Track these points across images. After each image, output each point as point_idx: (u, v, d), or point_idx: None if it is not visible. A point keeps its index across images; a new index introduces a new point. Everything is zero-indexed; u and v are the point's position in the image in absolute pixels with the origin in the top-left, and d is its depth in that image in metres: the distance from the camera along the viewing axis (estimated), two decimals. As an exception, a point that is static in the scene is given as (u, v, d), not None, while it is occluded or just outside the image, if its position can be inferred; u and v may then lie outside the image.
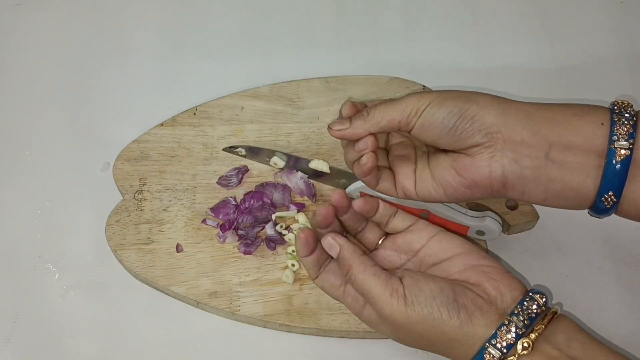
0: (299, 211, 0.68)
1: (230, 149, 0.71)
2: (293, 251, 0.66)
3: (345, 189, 0.69)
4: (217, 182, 0.70)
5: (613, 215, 0.53)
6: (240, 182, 0.70)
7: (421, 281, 0.52)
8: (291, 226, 0.67)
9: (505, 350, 0.48)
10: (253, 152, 0.71)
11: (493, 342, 0.49)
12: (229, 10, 0.85)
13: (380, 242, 0.59)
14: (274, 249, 0.66)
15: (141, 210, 0.68)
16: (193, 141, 0.72)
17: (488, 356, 0.49)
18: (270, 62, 0.80)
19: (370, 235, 0.60)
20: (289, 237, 0.66)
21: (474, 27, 0.83)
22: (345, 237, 0.56)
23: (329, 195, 0.69)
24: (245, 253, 0.66)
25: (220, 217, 0.68)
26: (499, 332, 0.49)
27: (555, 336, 0.49)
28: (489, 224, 0.62)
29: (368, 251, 0.59)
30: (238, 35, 0.83)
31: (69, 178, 0.72)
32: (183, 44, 0.83)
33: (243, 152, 0.71)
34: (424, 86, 0.75)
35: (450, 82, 0.77)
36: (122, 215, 0.68)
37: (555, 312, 0.50)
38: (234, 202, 0.68)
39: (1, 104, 0.78)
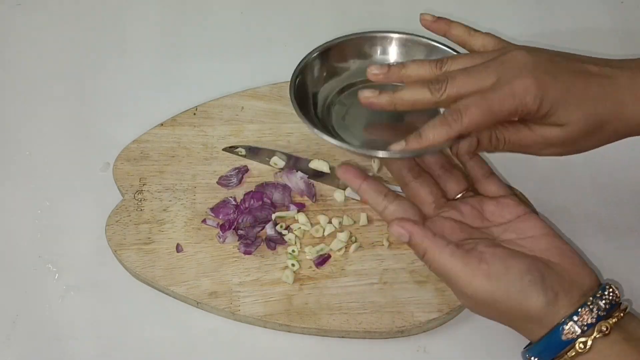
0: (299, 211, 0.68)
1: (230, 149, 0.71)
2: (293, 251, 0.66)
3: (345, 189, 0.69)
4: (217, 182, 0.70)
5: (613, 214, 0.54)
6: (240, 182, 0.70)
7: (507, 259, 0.51)
8: (291, 226, 0.67)
9: (585, 328, 0.48)
10: (253, 152, 0.71)
11: (575, 319, 0.49)
12: (229, 10, 0.85)
13: (460, 195, 0.58)
14: (274, 249, 0.66)
15: (141, 210, 0.68)
16: (193, 141, 0.72)
17: (568, 332, 0.49)
18: (270, 62, 0.80)
19: (453, 184, 0.58)
20: (289, 237, 0.66)
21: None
22: (421, 176, 0.57)
23: (330, 196, 0.69)
24: (245, 253, 0.66)
25: (220, 217, 0.68)
26: (581, 311, 0.49)
27: (625, 324, 0.49)
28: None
29: (444, 200, 0.57)
30: (238, 35, 0.83)
31: (69, 178, 0.72)
32: (183, 44, 0.83)
33: (243, 152, 0.71)
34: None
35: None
36: (122, 215, 0.68)
37: (626, 307, 0.50)
38: (234, 202, 0.68)
39: (1, 104, 0.78)
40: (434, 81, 0.53)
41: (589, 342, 0.48)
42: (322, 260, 0.65)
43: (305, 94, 0.61)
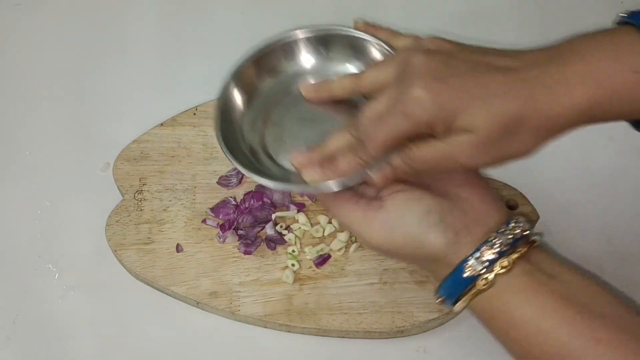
0: (299, 211, 0.68)
1: (230, 149, 0.71)
2: (293, 251, 0.66)
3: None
4: (217, 182, 0.70)
5: (614, 214, 0.53)
6: (240, 182, 0.70)
7: (406, 204, 0.50)
8: (291, 226, 0.67)
9: (486, 264, 0.48)
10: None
11: (476, 256, 0.49)
12: (229, 10, 0.85)
13: None
14: (274, 249, 0.66)
15: (141, 210, 0.68)
16: (193, 141, 0.72)
17: (469, 269, 0.48)
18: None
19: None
20: (289, 237, 0.66)
21: (474, 27, 0.83)
22: None
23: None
24: (245, 253, 0.66)
25: (220, 217, 0.68)
26: (482, 248, 0.49)
27: (530, 255, 0.49)
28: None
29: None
30: (238, 35, 0.83)
31: (69, 178, 0.72)
32: (183, 44, 0.83)
33: (243, 152, 0.71)
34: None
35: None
36: (122, 215, 0.68)
37: (535, 242, 0.50)
38: (234, 202, 0.68)
39: (1, 104, 0.78)
40: (357, 144, 0.50)
41: (490, 278, 0.48)
42: (322, 260, 0.65)
43: (231, 128, 0.56)
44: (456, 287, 0.49)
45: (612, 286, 0.57)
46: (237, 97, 0.58)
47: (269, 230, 0.67)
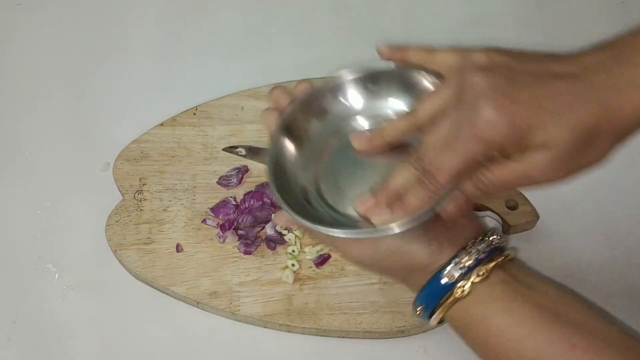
0: (299, 211, 0.68)
1: (230, 149, 0.71)
2: (293, 251, 0.66)
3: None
4: (217, 182, 0.70)
5: (615, 215, 0.53)
6: (240, 182, 0.70)
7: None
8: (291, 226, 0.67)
9: (465, 270, 0.48)
10: (253, 152, 0.71)
11: (454, 262, 0.49)
12: (229, 10, 0.85)
13: None
14: (274, 249, 0.66)
15: (141, 210, 0.68)
16: (193, 141, 0.72)
17: (448, 274, 0.49)
18: (270, 62, 0.80)
19: None
20: (289, 237, 0.66)
21: (474, 27, 0.83)
22: None
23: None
24: (245, 253, 0.66)
25: (220, 217, 0.68)
26: (460, 255, 0.49)
27: (507, 267, 0.49)
28: (489, 224, 0.62)
29: None
30: (238, 35, 0.83)
31: (69, 178, 0.72)
32: (183, 44, 0.83)
33: (243, 152, 0.71)
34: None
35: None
36: (122, 215, 0.68)
37: (509, 255, 0.50)
38: (234, 202, 0.68)
39: (1, 104, 0.78)
40: (424, 176, 0.47)
41: (467, 286, 0.48)
42: (322, 260, 0.65)
43: (284, 180, 0.54)
44: (434, 295, 0.50)
45: (587, 298, 0.58)
46: (289, 146, 0.55)
47: (269, 230, 0.67)
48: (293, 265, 0.65)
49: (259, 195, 0.68)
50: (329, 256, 0.66)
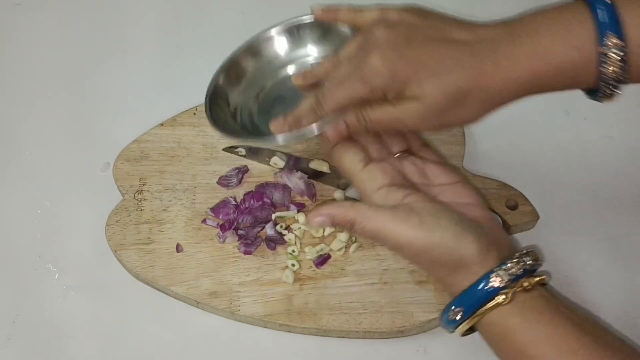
0: (299, 211, 0.68)
1: (230, 149, 0.71)
2: (293, 251, 0.66)
3: (345, 189, 0.69)
4: (217, 182, 0.70)
5: (614, 215, 0.53)
6: (240, 182, 0.70)
7: (438, 212, 0.52)
8: (291, 226, 0.67)
9: (513, 278, 0.50)
10: (253, 152, 0.71)
11: (504, 267, 0.50)
12: (229, 10, 0.85)
13: (398, 154, 0.60)
14: (274, 249, 0.66)
15: (141, 210, 0.68)
16: (193, 141, 0.72)
17: (494, 279, 0.50)
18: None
19: (393, 142, 0.60)
20: (289, 237, 0.66)
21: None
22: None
23: (330, 195, 0.69)
24: (245, 253, 0.66)
25: (220, 217, 0.68)
26: (509, 262, 0.51)
27: (548, 290, 0.51)
28: (489, 224, 0.62)
29: (388, 151, 0.60)
30: (238, 35, 0.83)
31: (69, 178, 0.72)
32: (183, 44, 0.83)
33: (243, 152, 0.71)
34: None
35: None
36: (122, 215, 0.68)
37: (545, 278, 0.52)
38: (234, 202, 0.68)
39: (1, 104, 0.78)
40: (316, 104, 0.55)
41: (511, 294, 0.49)
42: (322, 260, 0.65)
43: (221, 107, 0.66)
44: (477, 298, 0.50)
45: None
46: (230, 75, 0.67)
47: (269, 230, 0.67)
48: (293, 265, 0.65)
49: (259, 195, 0.68)
50: (329, 256, 0.66)
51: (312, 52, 0.67)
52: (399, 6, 0.56)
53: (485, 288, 0.50)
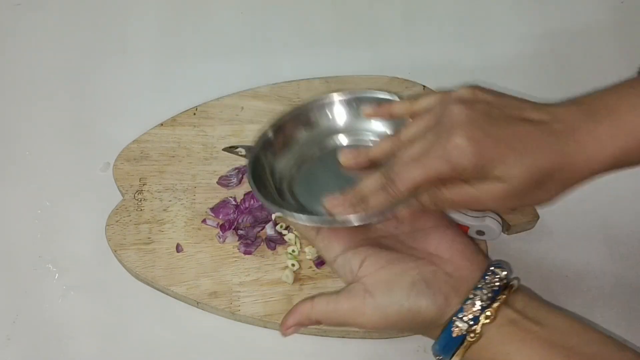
0: (299, 211, 0.68)
1: (230, 149, 0.71)
2: (293, 251, 0.66)
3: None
4: (217, 182, 0.70)
5: (614, 215, 0.53)
6: (240, 182, 0.70)
7: (389, 281, 0.51)
8: (291, 226, 0.67)
9: (471, 323, 0.49)
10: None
11: (460, 316, 0.49)
12: (229, 10, 0.85)
13: None
14: (274, 249, 0.66)
15: (141, 210, 0.68)
16: (193, 141, 0.72)
17: (456, 329, 0.49)
18: (270, 62, 0.80)
19: None
20: (289, 237, 0.66)
21: (474, 27, 0.83)
22: None
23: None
24: (245, 253, 0.66)
25: (220, 217, 0.68)
26: (464, 307, 0.50)
27: (514, 302, 0.50)
28: (489, 223, 0.62)
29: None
30: (238, 35, 0.83)
31: (69, 178, 0.72)
32: (183, 44, 0.83)
33: (243, 152, 0.71)
34: (424, 86, 0.75)
35: (451, 82, 0.77)
36: (122, 215, 0.68)
37: (513, 286, 0.51)
38: (234, 202, 0.68)
39: (1, 104, 0.78)
40: (387, 181, 0.51)
41: (478, 329, 0.49)
42: (322, 260, 0.65)
43: (262, 171, 0.60)
44: (449, 346, 0.50)
45: (592, 323, 0.58)
46: (274, 145, 0.61)
47: (269, 230, 0.67)
48: (293, 265, 0.65)
49: (259, 195, 0.68)
50: (329, 256, 0.66)
51: (367, 127, 0.62)
52: (466, 86, 0.53)
53: (452, 336, 0.50)
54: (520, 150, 0.49)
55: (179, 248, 0.66)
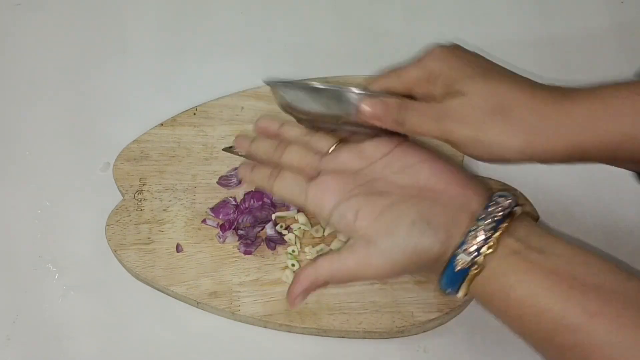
0: (299, 211, 0.68)
1: (230, 149, 0.71)
2: (293, 251, 0.66)
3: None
4: (217, 182, 0.70)
5: (614, 215, 0.53)
6: (240, 182, 0.70)
7: (388, 228, 0.50)
8: (291, 226, 0.67)
9: (475, 254, 0.48)
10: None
11: (463, 249, 0.49)
12: (229, 10, 0.85)
13: (333, 147, 0.56)
14: (274, 249, 0.66)
15: (141, 210, 0.68)
16: (193, 141, 0.72)
17: (459, 263, 0.49)
18: (270, 62, 0.80)
19: (322, 142, 0.57)
20: (289, 237, 0.66)
21: (474, 27, 0.83)
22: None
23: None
24: (245, 253, 0.66)
25: (220, 217, 0.68)
26: (467, 239, 0.49)
27: (516, 231, 0.49)
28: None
29: (319, 156, 0.56)
30: (238, 35, 0.83)
31: (69, 178, 0.72)
32: (183, 44, 0.83)
33: (243, 152, 0.71)
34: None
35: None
36: (122, 215, 0.68)
37: (515, 213, 0.50)
38: (234, 202, 0.68)
39: (1, 104, 0.78)
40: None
41: (480, 260, 0.48)
42: (322, 260, 0.65)
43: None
44: (454, 280, 0.50)
45: (600, 251, 0.56)
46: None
47: (269, 230, 0.67)
48: (293, 265, 0.65)
49: (259, 195, 0.68)
50: (329, 256, 0.66)
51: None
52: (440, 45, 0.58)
53: (455, 271, 0.49)
54: (486, 75, 0.54)
55: (179, 248, 0.66)
